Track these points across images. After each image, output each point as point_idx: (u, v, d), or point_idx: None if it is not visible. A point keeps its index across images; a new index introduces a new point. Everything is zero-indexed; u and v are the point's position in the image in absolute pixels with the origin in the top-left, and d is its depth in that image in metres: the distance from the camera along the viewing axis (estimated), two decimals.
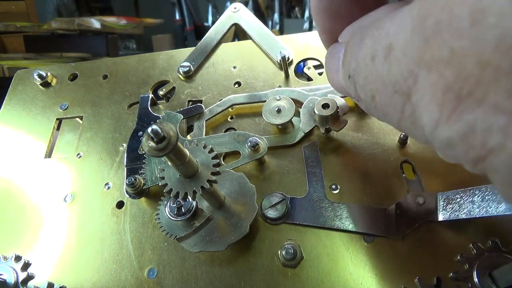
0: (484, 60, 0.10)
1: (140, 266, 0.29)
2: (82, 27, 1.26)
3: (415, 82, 0.13)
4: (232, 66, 0.39)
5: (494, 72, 0.10)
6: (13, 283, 0.29)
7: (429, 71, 0.12)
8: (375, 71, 0.15)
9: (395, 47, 0.13)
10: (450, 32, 0.11)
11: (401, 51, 0.13)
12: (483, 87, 0.10)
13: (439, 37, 0.11)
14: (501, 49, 0.09)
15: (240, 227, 0.27)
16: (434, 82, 0.12)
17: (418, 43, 0.12)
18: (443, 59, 0.11)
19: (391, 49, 0.14)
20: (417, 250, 0.26)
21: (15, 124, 0.40)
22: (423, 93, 0.12)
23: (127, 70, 0.42)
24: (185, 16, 2.04)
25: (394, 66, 0.13)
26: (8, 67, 0.97)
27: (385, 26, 0.14)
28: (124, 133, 0.37)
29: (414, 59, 0.12)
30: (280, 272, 0.27)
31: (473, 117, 0.11)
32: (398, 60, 0.13)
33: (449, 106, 0.11)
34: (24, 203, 0.35)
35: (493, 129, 0.10)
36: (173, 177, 0.24)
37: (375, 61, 0.15)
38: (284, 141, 0.33)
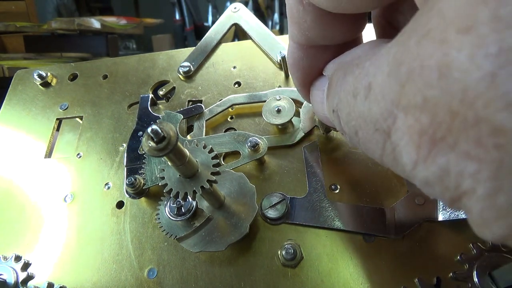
0: (453, 111, 0.10)
1: (140, 266, 0.29)
2: (82, 27, 1.26)
3: (394, 123, 0.13)
4: (232, 66, 0.39)
5: (462, 122, 0.10)
6: (13, 283, 0.29)
7: (406, 114, 0.12)
8: (357, 108, 0.15)
9: (374, 87, 0.14)
10: (422, 82, 0.11)
11: (380, 92, 0.13)
12: (454, 135, 0.11)
13: (413, 84, 0.12)
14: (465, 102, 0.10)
15: (240, 227, 0.27)
16: (411, 125, 0.12)
17: (394, 86, 0.13)
18: (417, 105, 0.12)
19: (371, 89, 0.14)
20: (417, 250, 0.26)
21: (15, 124, 0.40)
22: (401, 134, 0.13)
23: (127, 70, 0.42)
24: (185, 16, 2.04)
25: (374, 106, 0.14)
26: (8, 67, 0.97)
27: (365, 65, 0.15)
28: (124, 133, 0.37)
29: (392, 101, 0.13)
30: (280, 272, 0.27)
31: (446, 161, 0.11)
32: (377, 100, 0.14)
33: (425, 148, 0.12)
34: (24, 203, 0.35)
35: (464, 174, 0.11)
36: (173, 177, 0.24)
37: (357, 99, 0.15)
38: (284, 141, 0.33)
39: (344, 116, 0.17)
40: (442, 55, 0.10)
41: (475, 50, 0.10)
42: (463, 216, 0.25)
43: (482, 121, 0.10)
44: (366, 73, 0.15)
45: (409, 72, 0.12)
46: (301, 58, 0.23)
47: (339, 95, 0.17)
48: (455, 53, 0.10)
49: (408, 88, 0.12)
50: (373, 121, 0.14)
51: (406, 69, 0.12)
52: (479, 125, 0.10)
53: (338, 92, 0.17)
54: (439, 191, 0.12)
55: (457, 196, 0.11)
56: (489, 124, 0.10)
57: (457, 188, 0.11)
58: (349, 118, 0.17)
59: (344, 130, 0.18)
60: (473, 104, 0.10)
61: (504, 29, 0.09)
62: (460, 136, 0.11)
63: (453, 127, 0.11)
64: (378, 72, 0.14)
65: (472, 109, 0.10)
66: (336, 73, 0.18)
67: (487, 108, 0.10)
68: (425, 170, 0.12)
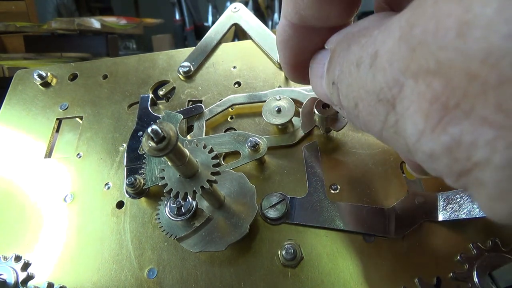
0: (471, 73, 0.10)
1: (140, 266, 0.29)
2: (82, 27, 1.26)
3: (400, 91, 0.12)
4: (232, 66, 0.39)
5: (482, 85, 0.10)
6: (13, 283, 0.29)
7: (416, 80, 0.12)
8: (359, 78, 0.15)
9: (381, 54, 0.13)
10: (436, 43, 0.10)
11: (387, 59, 0.13)
12: (471, 100, 0.10)
13: (425, 47, 0.11)
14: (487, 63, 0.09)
15: (240, 227, 0.27)
16: (421, 92, 0.11)
17: (404, 52, 0.12)
18: (430, 70, 0.11)
19: (377, 57, 0.13)
20: (417, 250, 0.26)
21: (15, 124, 0.40)
22: (408, 102, 0.12)
23: (127, 70, 0.42)
24: (185, 16, 2.04)
25: (379, 74, 0.13)
26: (8, 67, 0.97)
27: (373, 34, 0.14)
28: (124, 133, 0.37)
29: (400, 68, 0.12)
30: (280, 272, 0.27)
31: (459, 130, 0.10)
32: (383, 68, 0.13)
33: (435, 117, 0.11)
34: (24, 203, 0.35)
35: (479, 143, 0.10)
36: (173, 177, 0.24)
37: (360, 68, 0.15)
38: (284, 141, 0.33)
39: (344, 88, 0.16)
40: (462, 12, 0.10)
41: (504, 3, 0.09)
42: (463, 216, 0.25)
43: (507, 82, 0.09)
44: (373, 41, 0.14)
45: (422, 34, 0.11)
46: (291, 36, 0.22)
47: (341, 66, 0.17)
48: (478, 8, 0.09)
49: (420, 52, 0.11)
50: (376, 91, 0.13)
51: (419, 31, 0.11)
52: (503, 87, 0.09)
53: (341, 63, 0.17)
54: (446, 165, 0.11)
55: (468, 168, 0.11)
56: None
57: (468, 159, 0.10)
58: (350, 89, 0.16)
59: (342, 104, 0.17)
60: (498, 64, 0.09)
61: None
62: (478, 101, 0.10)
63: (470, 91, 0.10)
64: (388, 38, 0.13)
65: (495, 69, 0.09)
66: (340, 44, 0.17)
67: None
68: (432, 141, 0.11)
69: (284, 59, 0.24)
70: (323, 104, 0.30)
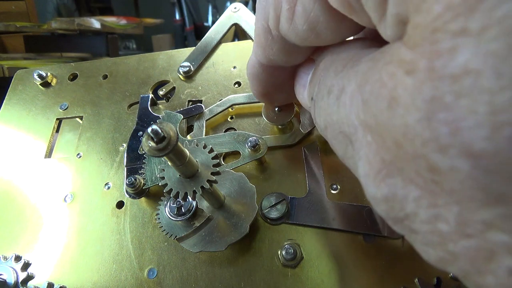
0: (397, 142, 0.11)
1: (140, 266, 0.29)
2: (82, 27, 1.26)
3: (355, 132, 0.13)
4: (232, 66, 0.39)
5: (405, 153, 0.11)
6: (13, 283, 0.29)
7: (364, 130, 0.13)
8: (328, 106, 0.16)
9: (346, 92, 0.14)
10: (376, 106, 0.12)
11: (349, 99, 0.14)
12: (400, 161, 0.11)
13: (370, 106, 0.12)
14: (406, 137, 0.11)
15: (240, 227, 0.27)
16: (368, 142, 0.13)
17: (359, 101, 0.13)
18: (372, 127, 0.12)
19: (343, 92, 0.14)
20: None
21: (15, 124, 0.40)
22: (360, 146, 0.13)
23: (127, 70, 0.42)
24: (185, 16, 2.04)
25: (342, 109, 0.14)
26: (8, 67, 0.97)
27: (347, 66, 0.15)
28: (124, 133, 0.37)
29: (355, 113, 0.13)
30: (280, 272, 0.27)
31: (394, 183, 0.12)
32: (345, 106, 0.14)
33: (376, 167, 0.12)
34: (24, 203, 0.35)
35: (409, 198, 0.11)
36: (173, 177, 0.24)
37: (330, 97, 0.16)
38: (284, 141, 0.33)
39: (317, 108, 0.18)
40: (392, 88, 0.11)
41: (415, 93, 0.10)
42: None
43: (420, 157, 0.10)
44: (344, 76, 0.15)
45: (369, 93, 0.12)
46: (260, 72, 0.24)
47: (318, 86, 0.18)
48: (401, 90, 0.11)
49: (367, 107, 0.12)
50: (339, 123, 0.15)
51: (369, 89, 0.12)
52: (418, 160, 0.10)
53: (319, 83, 0.18)
54: (384, 210, 0.13)
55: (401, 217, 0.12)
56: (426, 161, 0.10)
57: (401, 210, 0.12)
58: (321, 112, 0.17)
59: (316, 121, 0.18)
60: (413, 141, 0.10)
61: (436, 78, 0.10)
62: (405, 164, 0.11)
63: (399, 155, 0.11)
64: (352, 80, 0.14)
65: (412, 144, 0.10)
66: (324, 62, 0.18)
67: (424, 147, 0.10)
68: (374, 187, 0.13)
69: (253, 88, 0.26)
70: None
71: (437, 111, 0.10)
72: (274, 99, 0.26)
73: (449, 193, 0.10)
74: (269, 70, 0.23)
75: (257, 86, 0.25)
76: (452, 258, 0.11)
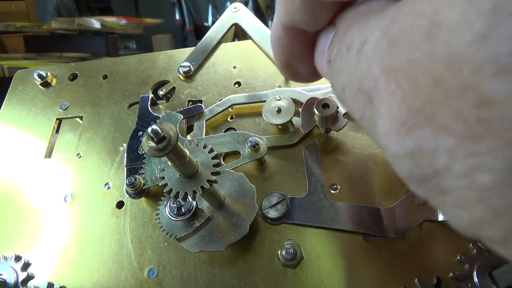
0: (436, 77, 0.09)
1: (140, 266, 0.29)
2: (82, 27, 1.26)
3: (375, 86, 0.12)
4: (232, 66, 0.39)
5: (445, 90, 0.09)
6: (13, 283, 0.29)
7: (387, 78, 0.11)
8: (347, 62, 0.14)
9: (369, 43, 0.13)
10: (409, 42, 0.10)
11: (371, 49, 0.12)
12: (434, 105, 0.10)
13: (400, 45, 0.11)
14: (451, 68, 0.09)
15: (240, 227, 0.27)
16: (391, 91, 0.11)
17: (384, 45, 0.11)
18: (401, 69, 0.11)
19: (365, 44, 0.13)
20: (417, 250, 0.26)
21: (15, 124, 0.40)
22: (381, 99, 0.12)
23: (127, 70, 0.42)
24: (185, 16, 2.04)
25: (362, 63, 0.13)
26: (8, 67, 0.97)
27: (370, 18, 0.14)
28: (124, 133, 0.37)
29: (378, 61, 0.12)
30: (280, 272, 0.27)
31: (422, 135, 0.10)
32: (366, 58, 0.13)
33: (401, 119, 0.11)
34: (24, 203, 0.35)
35: (440, 150, 0.10)
36: (173, 177, 0.24)
37: (349, 52, 0.14)
38: (284, 141, 0.33)
39: (335, 69, 0.16)
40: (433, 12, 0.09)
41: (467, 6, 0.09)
42: None
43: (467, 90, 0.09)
44: (367, 27, 0.13)
45: (399, 30, 0.11)
46: (282, 36, 0.22)
47: (338, 46, 0.16)
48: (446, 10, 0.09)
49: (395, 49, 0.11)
50: (358, 80, 0.13)
51: (398, 27, 0.11)
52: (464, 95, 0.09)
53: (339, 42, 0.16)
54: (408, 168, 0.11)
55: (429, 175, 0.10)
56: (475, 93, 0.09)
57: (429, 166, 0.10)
58: (339, 71, 0.15)
59: (333, 85, 0.17)
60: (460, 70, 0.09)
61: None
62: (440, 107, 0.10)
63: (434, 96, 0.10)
64: (377, 29, 0.12)
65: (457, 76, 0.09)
66: (344, 22, 0.17)
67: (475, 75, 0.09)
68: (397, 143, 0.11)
69: (276, 57, 0.24)
70: (323, 104, 0.30)
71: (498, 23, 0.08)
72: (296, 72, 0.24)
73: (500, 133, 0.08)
74: (291, 33, 0.22)
75: (280, 54, 0.24)
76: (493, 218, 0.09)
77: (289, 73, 0.24)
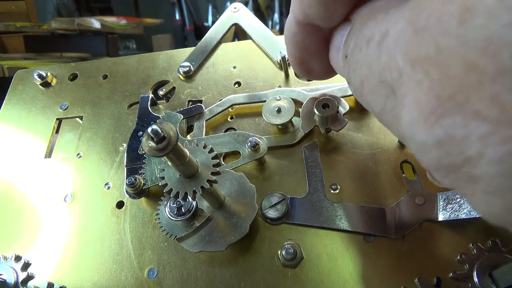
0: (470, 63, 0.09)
1: (140, 266, 0.29)
2: (82, 27, 1.26)
3: (399, 77, 0.12)
4: (232, 66, 0.39)
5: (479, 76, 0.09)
6: (13, 283, 0.29)
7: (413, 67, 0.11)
8: (367, 56, 0.14)
9: (391, 34, 0.13)
10: (439, 29, 0.10)
11: (394, 40, 0.12)
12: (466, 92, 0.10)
13: (428, 32, 0.10)
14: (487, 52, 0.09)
15: (240, 227, 0.27)
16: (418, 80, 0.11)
17: (409, 35, 0.11)
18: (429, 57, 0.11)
19: (387, 36, 0.13)
20: (417, 250, 0.26)
21: (15, 124, 0.40)
22: (405, 89, 0.12)
23: (127, 70, 0.42)
24: (185, 16, 2.04)
25: (384, 55, 0.13)
26: (8, 67, 0.97)
27: (390, 11, 0.14)
28: (124, 133, 0.37)
29: (402, 52, 0.12)
30: (280, 272, 0.27)
31: (452, 123, 0.10)
32: (389, 49, 0.13)
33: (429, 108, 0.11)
34: (24, 203, 0.35)
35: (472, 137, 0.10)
36: (173, 177, 0.24)
37: (369, 45, 0.14)
38: (284, 141, 0.33)
39: (353, 64, 0.16)
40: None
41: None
42: (463, 216, 0.25)
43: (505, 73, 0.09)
44: (388, 19, 0.13)
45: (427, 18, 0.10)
46: (296, 33, 0.22)
47: (355, 40, 0.16)
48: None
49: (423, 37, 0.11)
50: (379, 72, 0.13)
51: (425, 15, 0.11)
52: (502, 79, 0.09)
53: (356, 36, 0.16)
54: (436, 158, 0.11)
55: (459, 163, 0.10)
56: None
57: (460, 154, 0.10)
58: (358, 65, 0.15)
59: (350, 80, 0.17)
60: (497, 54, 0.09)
61: None
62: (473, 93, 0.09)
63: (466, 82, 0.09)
64: (400, 19, 0.12)
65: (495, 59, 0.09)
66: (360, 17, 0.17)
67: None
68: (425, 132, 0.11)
69: (290, 53, 0.24)
70: (323, 104, 0.30)
71: None
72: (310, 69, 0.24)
73: None
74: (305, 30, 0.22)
75: (294, 50, 0.24)
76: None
77: (303, 70, 0.24)
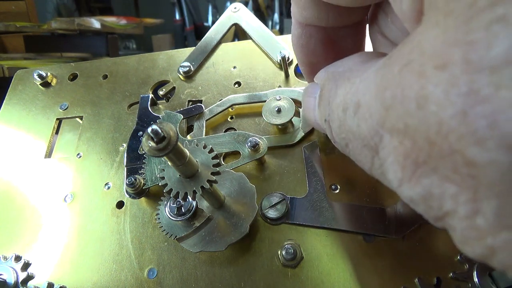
0: (430, 140, 0.11)
1: (140, 266, 0.29)
2: (82, 27, 1.26)
3: (380, 141, 0.14)
4: (232, 66, 0.39)
5: (439, 151, 0.11)
6: (13, 283, 0.29)
7: (391, 136, 0.13)
8: (346, 123, 0.16)
9: (363, 105, 0.15)
10: (403, 109, 0.12)
11: (367, 111, 0.14)
12: (434, 160, 0.11)
13: (395, 110, 0.12)
14: (441, 134, 0.11)
15: (240, 227, 0.27)
16: (396, 147, 0.13)
17: (380, 109, 0.13)
18: (400, 130, 0.12)
19: (359, 106, 0.15)
20: (417, 250, 0.26)
21: (15, 124, 0.40)
22: (387, 153, 0.13)
23: (127, 70, 0.42)
24: (185, 16, 2.05)
25: (362, 123, 0.15)
26: (8, 67, 0.97)
27: (355, 81, 0.16)
28: (124, 133, 0.37)
29: (378, 122, 0.13)
30: (280, 272, 0.27)
31: (429, 182, 0.12)
32: (365, 119, 0.14)
33: (409, 169, 0.12)
34: (24, 203, 0.35)
35: (446, 196, 0.11)
36: (173, 177, 0.24)
37: (346, 114, 0.16)
38: (284, 141, 0.33)
39: (335, 128, 0.18)
40: (420, 88, 0.11)
41: (449, 88, 0.10)
42: None
43: (456, 152, 0.10)
44: (356, 90, 0.15)
45: (392, 98, 0.12)
46: (300, 35, 0.24)
47: (330, 107, 0.18)
48: (431, 87, 0.11)
49: (392, 113, 0.12)
50: (362, 137, 0.15)
51: (390, 95, 0.12)
52: (454, 156, 0.10)
53: (330, 103, 0.18)
54: (423, 210, 0.13)
55: (441, 216, 0.12)
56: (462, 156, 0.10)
57: (440, 208, 0.12)
58: (340, 130, 0.17)
59: (335, 140, 0.19)
60: (448, 137, 0.10)
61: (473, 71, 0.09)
62: (439, 162, 0.11)
63: (432, 153, 0.11)
64: (367, 92, 0.14)
65: (446, 141, 0.10)
66: (327, 83, 0.19)
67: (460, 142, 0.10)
68: (410, 189, 0.13)
69: (299, 60, 0.26)
70: None
71: (474, 104, 0.09)
72: None
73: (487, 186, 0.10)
74: (308, 31, 0.23)
75: (301, 54, 0.25)
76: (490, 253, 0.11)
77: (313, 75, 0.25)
